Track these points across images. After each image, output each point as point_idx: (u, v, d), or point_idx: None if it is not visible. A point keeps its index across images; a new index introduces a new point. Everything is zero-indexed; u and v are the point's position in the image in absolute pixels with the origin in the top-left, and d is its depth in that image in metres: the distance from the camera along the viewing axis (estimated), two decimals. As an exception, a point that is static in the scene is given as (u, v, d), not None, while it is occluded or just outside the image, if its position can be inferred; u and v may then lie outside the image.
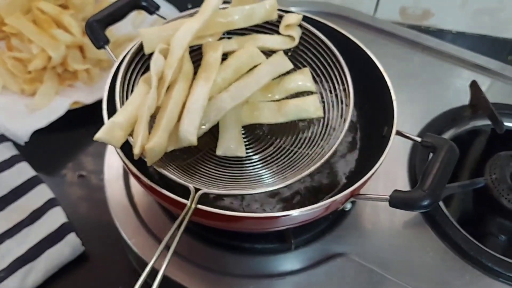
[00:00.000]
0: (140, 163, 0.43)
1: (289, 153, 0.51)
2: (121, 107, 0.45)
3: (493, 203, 0.56)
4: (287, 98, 0.54)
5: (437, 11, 0.86)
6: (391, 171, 0.59)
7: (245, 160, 0.51)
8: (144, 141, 0.42)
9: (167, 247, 0.48)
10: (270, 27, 0.54)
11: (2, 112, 0.66)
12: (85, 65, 0.69)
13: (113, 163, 0.58)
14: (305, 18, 0.54)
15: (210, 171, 0.49)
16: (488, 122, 0.63)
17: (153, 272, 0.36)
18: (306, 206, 0.42)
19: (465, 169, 0.63)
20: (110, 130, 0.42)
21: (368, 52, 0.54)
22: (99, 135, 0.42)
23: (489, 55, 0.76)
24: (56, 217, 0.57)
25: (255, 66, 0.52)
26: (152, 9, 0.53)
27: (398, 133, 0.47)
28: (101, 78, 0.71)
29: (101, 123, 0.45)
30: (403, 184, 0.58)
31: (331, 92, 0.53)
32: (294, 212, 0.42)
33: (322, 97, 0.54)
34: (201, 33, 0.50)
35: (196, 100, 0.46)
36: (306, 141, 0.52)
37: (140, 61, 0.50)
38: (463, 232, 0.53)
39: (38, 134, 0.64)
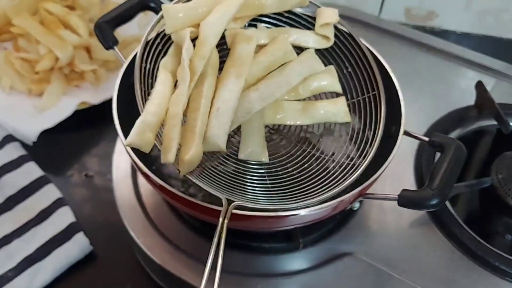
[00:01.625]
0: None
1: (311, 160, 0.48)
2: (142, 100, 0.40)
3: (499, 202, 0.56)
4: (309, 98, 0.50)
5: (442, 12, 0.86)
6: (397, 171, 0.59)
7: (265, 165, 0.47)
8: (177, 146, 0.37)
9: (175, 245, 0.47)
10: (297, 19, 0.50)
11: (10, 112, 0.67)
12: (92, 66, 0.69)
13: (121, 163, 0.58)
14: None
15: (232, 177, 0.45)
16: (494, 122, 0.63)
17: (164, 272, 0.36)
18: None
19: (472, 169, 0.63)
20: (141, 132, 0.37)
21: (375, 53, 0.53)
22: (131, 140, 0.36)
23: (494, 56, 0.76)
24: (64, 217, 0.57)
25: (284, 63, 0.47)
26: (160, 10, 0.53)
27: (406, 133, 0.47)
28: (108, 78, 0.71)
29: (108, 123, 0.45)
30: (409, 184, 0.58)
31: (357, 96, 0.50)
32: (302, 212, 0.42)
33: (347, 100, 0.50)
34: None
35: (226, 100, 0.41)
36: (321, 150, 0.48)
37: (154, 43, 0.46)
38: (469, 231, 0.53)
39: (45, 134, 0.64)
